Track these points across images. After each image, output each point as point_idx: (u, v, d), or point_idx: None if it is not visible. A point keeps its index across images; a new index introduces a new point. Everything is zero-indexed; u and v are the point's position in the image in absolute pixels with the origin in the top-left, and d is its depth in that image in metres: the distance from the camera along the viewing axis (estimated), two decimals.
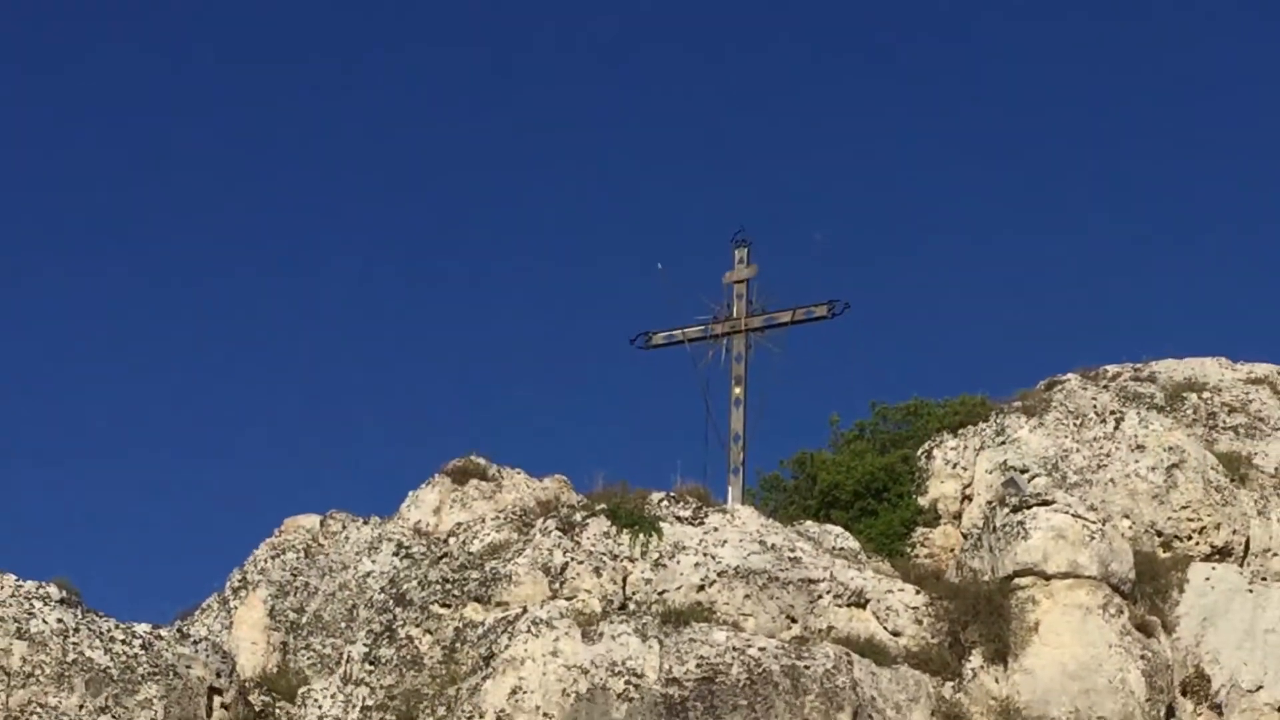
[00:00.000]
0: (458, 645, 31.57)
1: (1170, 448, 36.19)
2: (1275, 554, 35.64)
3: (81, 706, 31.49)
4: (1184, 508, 35.38)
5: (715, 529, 32.90)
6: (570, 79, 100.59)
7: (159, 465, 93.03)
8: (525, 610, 31.25)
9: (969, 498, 36.54)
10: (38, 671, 31.72)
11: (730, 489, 37.76)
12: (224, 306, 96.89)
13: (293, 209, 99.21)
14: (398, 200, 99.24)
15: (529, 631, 30.63)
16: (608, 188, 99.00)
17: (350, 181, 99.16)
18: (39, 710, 30.99)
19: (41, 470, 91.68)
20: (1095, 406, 37.43)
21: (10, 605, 32.36)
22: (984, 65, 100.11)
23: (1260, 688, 32.46)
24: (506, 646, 30.60)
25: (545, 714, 29.80)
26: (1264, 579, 33.67)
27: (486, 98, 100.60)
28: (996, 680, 31.22)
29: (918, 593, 32.74)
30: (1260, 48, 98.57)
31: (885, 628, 32.05)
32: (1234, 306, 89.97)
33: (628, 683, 30.01)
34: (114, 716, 31.55)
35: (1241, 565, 34.42)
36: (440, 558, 33.47)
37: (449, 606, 32.29)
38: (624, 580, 32.33)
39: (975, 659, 31.53)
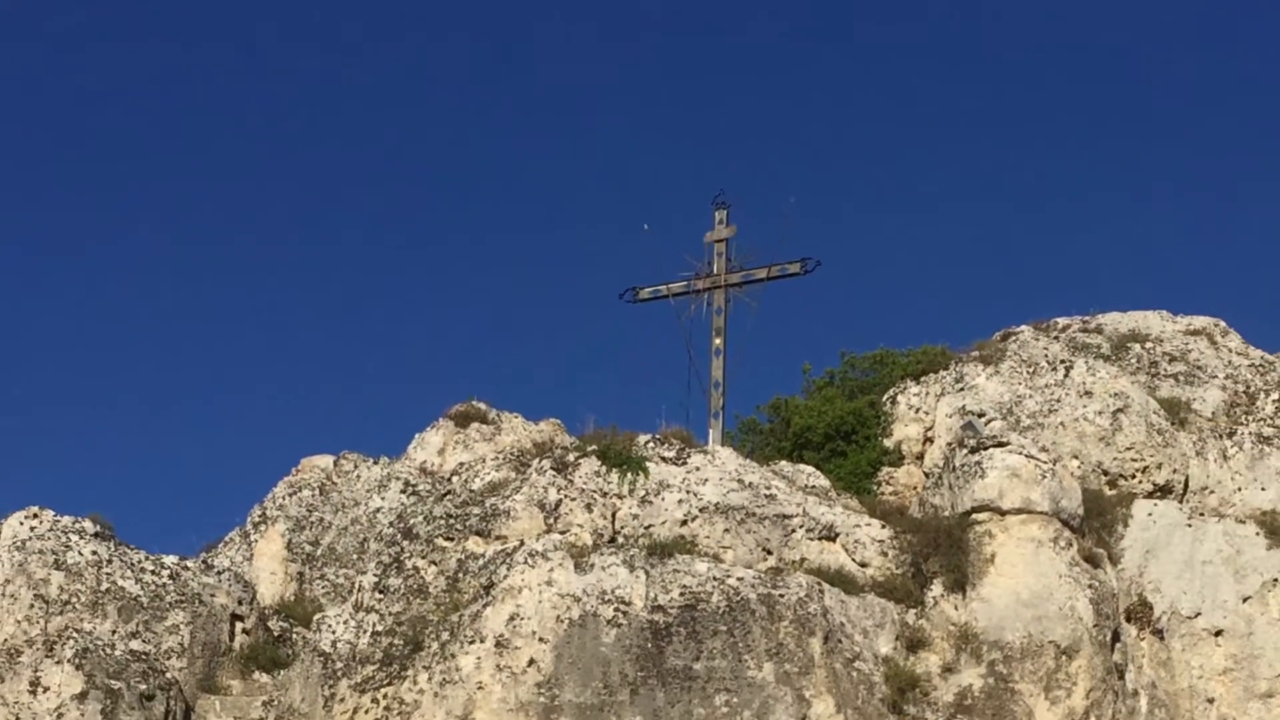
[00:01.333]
0: (460, 575, 31.45)
1: (1116, 394, 36.18)
2: (1212, 492, 35.59)
3: (114, 631, 31.45)
4: (1128, 449, 35.36)
5: (697, 468, 32.83)
6: (565, 57, 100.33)
7: (186, 410, 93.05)
8: (522, 543, 31.17)
9: (930, 440, 36.50)
10: (74, 599, 31.68)
11: (711, 432, 37.81)
12: (248, 266, 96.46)
13: (307, 182, 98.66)
14: (407, 172, 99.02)
15: (526, 563, 30.56)
16: (599, 156, 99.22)
17: (364, 154, 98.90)
18: (75, 635, 30.88)
19: (77, 413, 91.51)
20: (1046, 356, 37.35)
21: (49, 539, 32.33)
22: (942, 36, 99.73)
23: (1198, 614, 32.41)
24: (505, 577, 30.51)
25: (541, 639, 29.69)
26: (1201, 515, 33.58)
27: (488, 76, 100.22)
28: (956, 608, 31.12)
29: (883, 527, 32.66)
30: (1198, 7, 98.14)
31: (853, 559, 31.95)
32: (1175, 263, 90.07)
33: (616, 610, 29.93)
34: (144, 641, 31.53)
35: (1181, 502, 34.34)
36: (444, 495, 33.39)
37: (452, 540, 32.19)
38: (613, 516, 32.27)
39: (936, 588, 31.44)
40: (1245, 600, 32.49)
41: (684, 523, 31.91)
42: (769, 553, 31.71)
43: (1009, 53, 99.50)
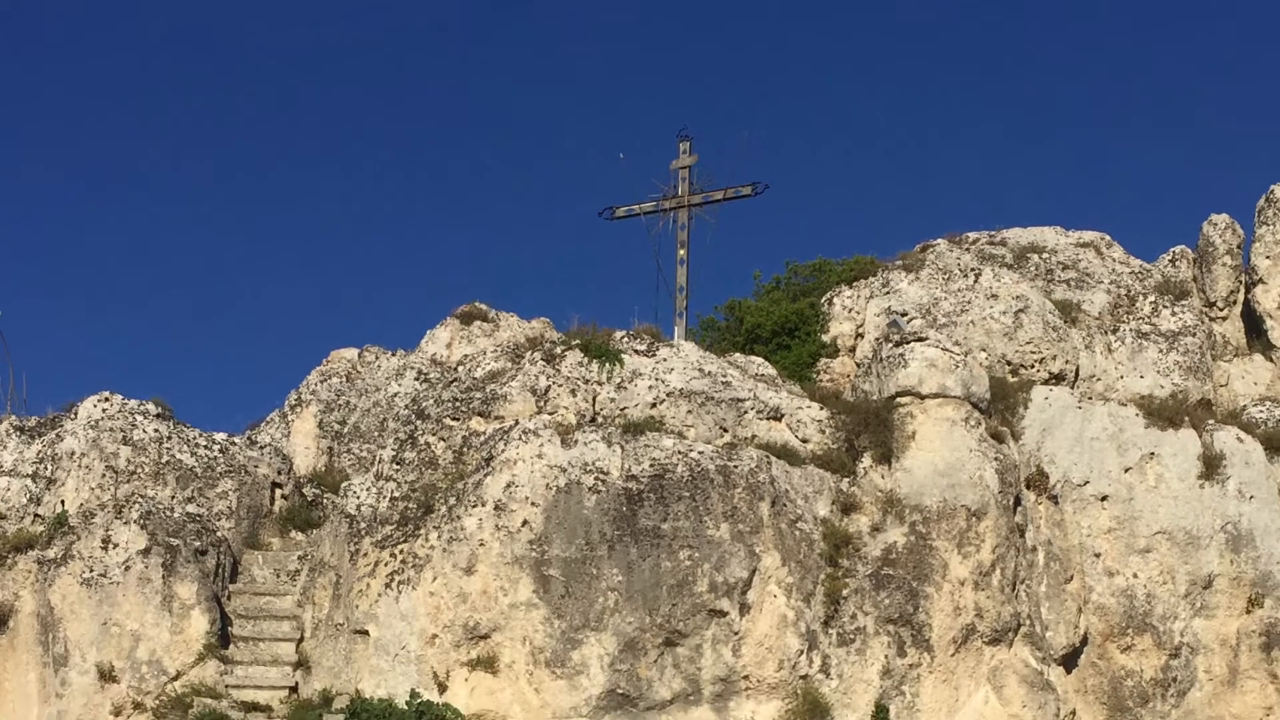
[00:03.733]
0: (464, 450, 31.47)
1: (1017, 296, 36.11)
2: (1098, 379, 35.60)
3: (173, 497, 31.48)
4: (1028, 343, 35.30)
5: (664, 359, 32.86)
6: (553, 11, 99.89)
7: (236, 309, 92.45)
8: (517, 423, 31.15)
9: (861, 335, 36.46)
10: (139, 470, 31.70)
11: (676, 329, 37.87)
12: (289, 190, 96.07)
13: (342, 120, 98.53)
14: (419, 112, 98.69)
15: (520, 439, 30.53)
16: (581, 95, 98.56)
17: (385, 96, 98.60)
18: (140, 500, 30.91)
19: (143, 312, 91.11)
20: (959, 265, 37.28)
21: (118, 419, 32.29)
22: None
23: (1087, 483, 32.40)
24: (502, 451, 30.48)
25: (532, 503, 29.72)
26: (1089, 398, 33.56)
27: (490, 25, 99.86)
28: (882, 477, 31.08)
29: (821, 409, 32.72)
30: None
31: (796, 436, 31.98)
32: (1068, 186, 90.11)
33: (596, 478, 29.96)
34: (198, 505, 31.60)
35: (1072, 388, 34.32)
36: (451, 382, 33.35)
37: (458, 420, 32.19)
38: (594, 399, 32.33)
39: (866, 460, 31.43)
40: (1126, 471, 32.47)
41: (653, 405, 31.99)
42: (725, 430, 31.78)
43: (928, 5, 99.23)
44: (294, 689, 29.70)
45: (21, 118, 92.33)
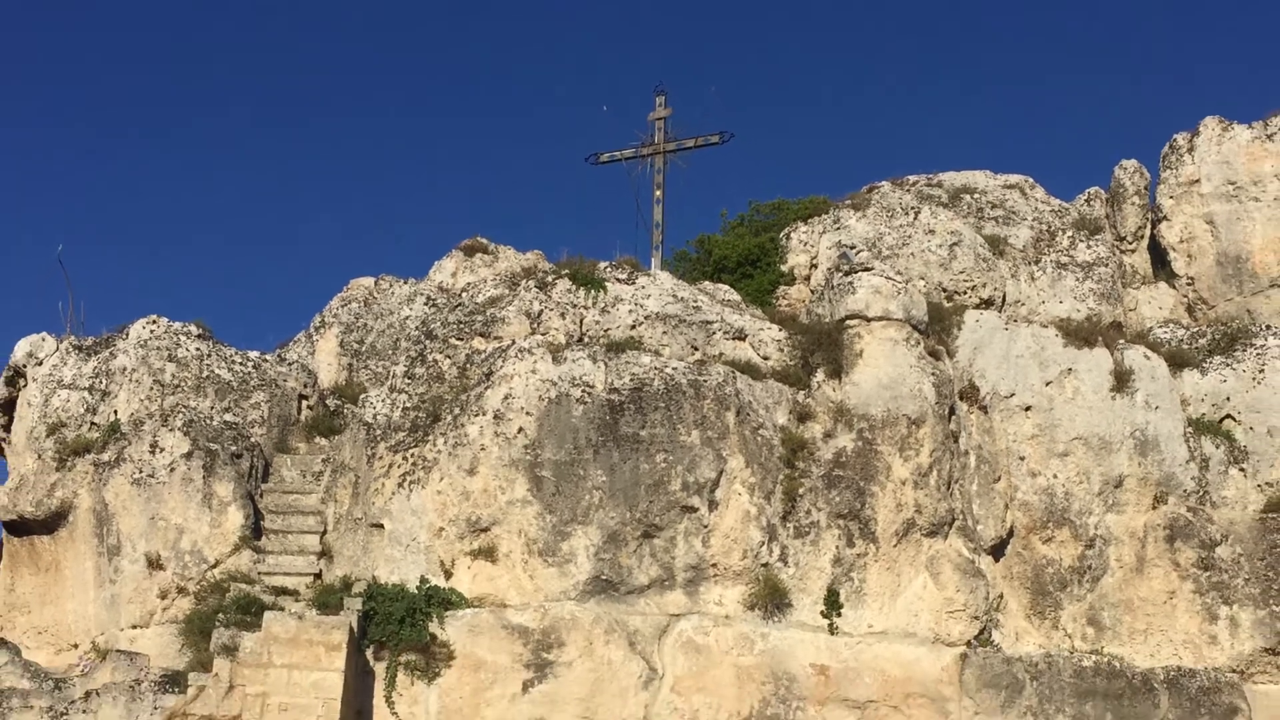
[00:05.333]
0: (468, 366, 31.32)
1: (951, 231, 35.93)
2: (1023, 304, 35.47)
3: (212, 407, 31.36)
4: (961, 272, 35.13)
5: (642, 287, 32.63)
6: None
7: (269, 242, 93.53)
8: (514, 343, 30.94)
9: (815, 266, 36.19)
10: (183, 384, 31.53)
11: (653, 260, 37.82)
12: (316, 136, 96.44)
13: (362, 74, 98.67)
14: (429, 68, 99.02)
15: (516, 357, 30.31)
16: (572, 53, 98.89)
17: (400, 53, 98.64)
18: (183, 410, 30.93)
19: (187, 243, 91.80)
20: (901, 204, 37.02)
21: (164, 339, 32.10)
22: None
23: (1013, 394, 32.16)
24: (501, 367, 30.27)
25: (527, 412, 29.51)
26: (1015, 321, 33.30)
27: None
28: (834, 390, 30.84)
29: (780, 330, 32.50)
30: None
31: (758, 354, 31.77)
32: (995, 133, 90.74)
33: (583, 391, 29.75)
34: (234, 414, 31.51)
35: (1000, 312, 34.10)
36: (456, 306, 33.13)
37: (462, 339, 32.03)
38: (581, 322, 32.12)
39: (819, 375, 31.19)
40: (1047, 384, 32.23)
41: (633, 327, 31.77)
42: (695, 349, 31.57)
43: None
44: (318, 575, 29.62)
45: (76, 78, 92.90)
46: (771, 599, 29.22)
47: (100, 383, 31.96)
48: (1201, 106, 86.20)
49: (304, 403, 32.41)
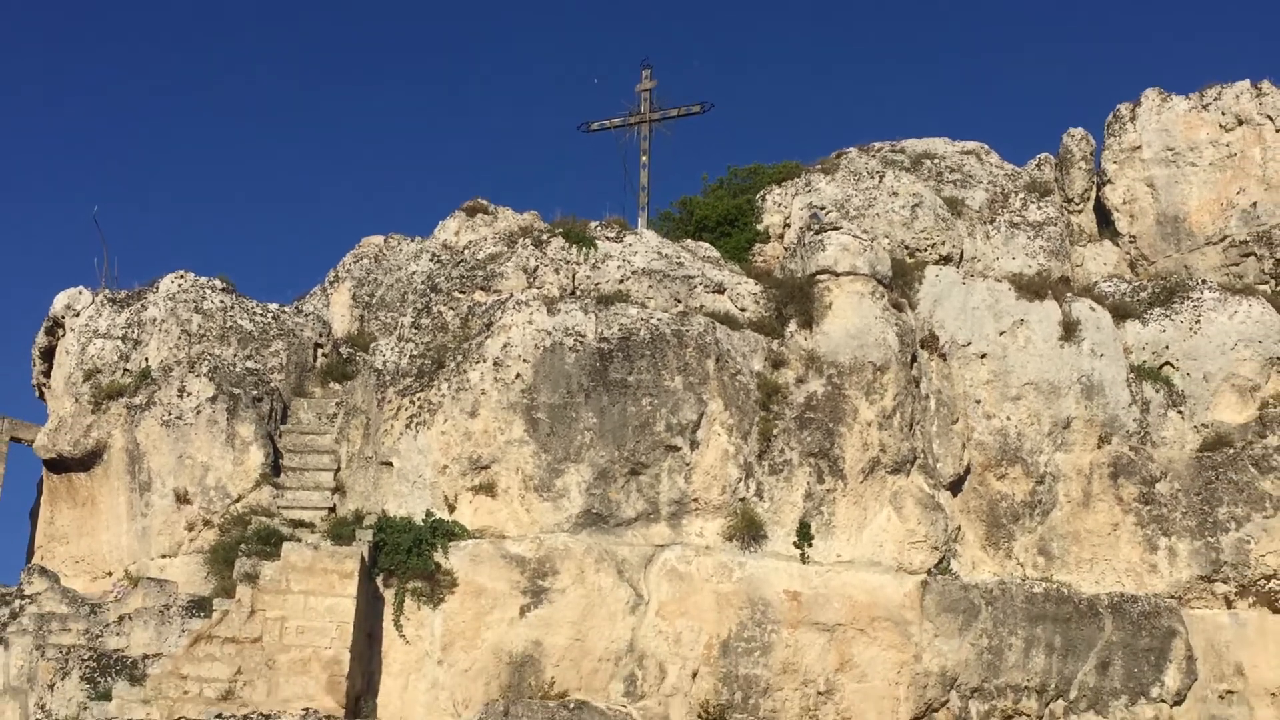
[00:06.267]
0: (469, 317, 31.15)
1: (913, 194, 35.69)
2: (979, 260, 35.31)
3: (235, 355, 31.27)
4: (922, 231, 34.92)
5: (630, 245, 32.41)
6: None
7: (289, 203, 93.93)
8: (512, 296, 30.81)
9: (788, 225, 35.90)
10: (208, 334, 31.43)
11: (639, 220, 37.58)
12: (331, 105, 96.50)
13: (377, 49, 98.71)
14: (440, 43, 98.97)
15: (514, 309, 30.14)
16: (567, 32, 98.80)
17: (412, 26, 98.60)
18: (209, 357, 30.86)
19: (210, 200, 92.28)
20: (867, 168, 36.74)
21: (190, 292, 32.01)
22: None
23: (969, 343, 31.99)
24: (500, 318, 30.10)
25: (524, 360, 29.35)
26: (971, 275, 33.12)
27: None
28: (805, 339, 30.65)
29: (756, 284, 32.33)
30: None
31: (736, 306, 31.59)
32: (954, 103, 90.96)
33: (575, 340, 29.58)
34: (255, 361, 31.43)
35: (958, 267, 33.86)
36: (458, 262, 32.92)
37: (464, 293, 31.88)
38: (573, 277, 31.88)
39: (792, 326, 30.99)
40: (1001, 334, 32.04)
41: (621, 281, 31.56)
42: (679, 301, 31.37)
43: None
44: (332, 509, 29.53)
45: (110, 55, 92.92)
46: (748, 531, 29.08)
47: (132, 332, 31.81)
48: (1143, 78, 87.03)
49: (319, 351, 32.24)
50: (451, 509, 28.95)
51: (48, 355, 32.98)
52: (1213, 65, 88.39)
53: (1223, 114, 37.34)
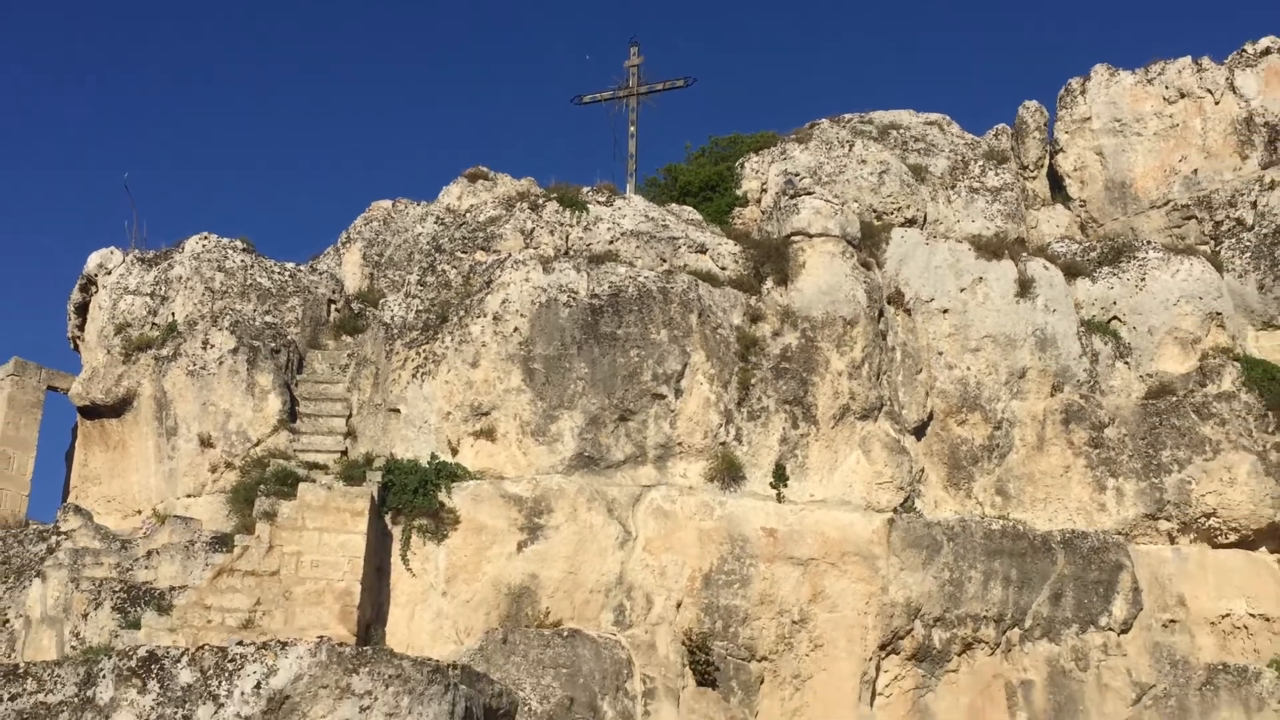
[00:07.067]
0: (471, 275, 31.03)
1: (880, 161, 35.57)
2: (941, 223, 35.25)
3: (255, 310, 31.04)
4: (889, 196, 34.80)
5: (619, 208, 32.28)
6: None
7: (304, 167, 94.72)
8: (510, 255, 30.63)
9: (765, 190, 35.70)
10: (230, 290, 31.27)
11: (628, 185, 37.69)
12: (344, 80, 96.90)
13: (384, 30, 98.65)
14: (447, 23, 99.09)
15: (512, 267, 29.96)
16: (560, 8, 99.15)
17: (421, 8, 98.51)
18: (230, 312, 30.58)
19: (232, 168, 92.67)
20: (838, 138, 36.53)
21: (214, 252, 31.78)
22: None
23: (933, 299, 31.91)
24: (499, 276, 29.92)
25: (521, 314, 29.17)
26: (934, 237, 33.01)
27: None
28: (780, 295, 30.50)
29: (735, 245, 32.13)
30: None
31: (717, 265, 31.40)
32: (919, 76, 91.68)
33: (569, 296, 29.43)
34: (273, 316, 31.15)
35: (922, 229, 33.74)
36: (460, 225, 32.73)
37: (466, 252, 31.74)
38: (567, 238, 31.76)
39: (769, 283, 30.86)
40: (962, 290, 31.96)
41: (611, 242, 31.41)
42: (664, 260, 31.20)
43: None
44: (344, 453, 29.32)
45: (140, 32, 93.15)
46: (728, 472, 28.95)
47: (160, 289, 31.59)
48: (1093, 54, 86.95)
49: (332, 306, 31.99)
50: (454, 452, 28.81)
51: (82, 311, 32.80)
52: (1158, 42, 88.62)
53: (1166, 88, 37.16)
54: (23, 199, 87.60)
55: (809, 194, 31.90)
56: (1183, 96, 36.98)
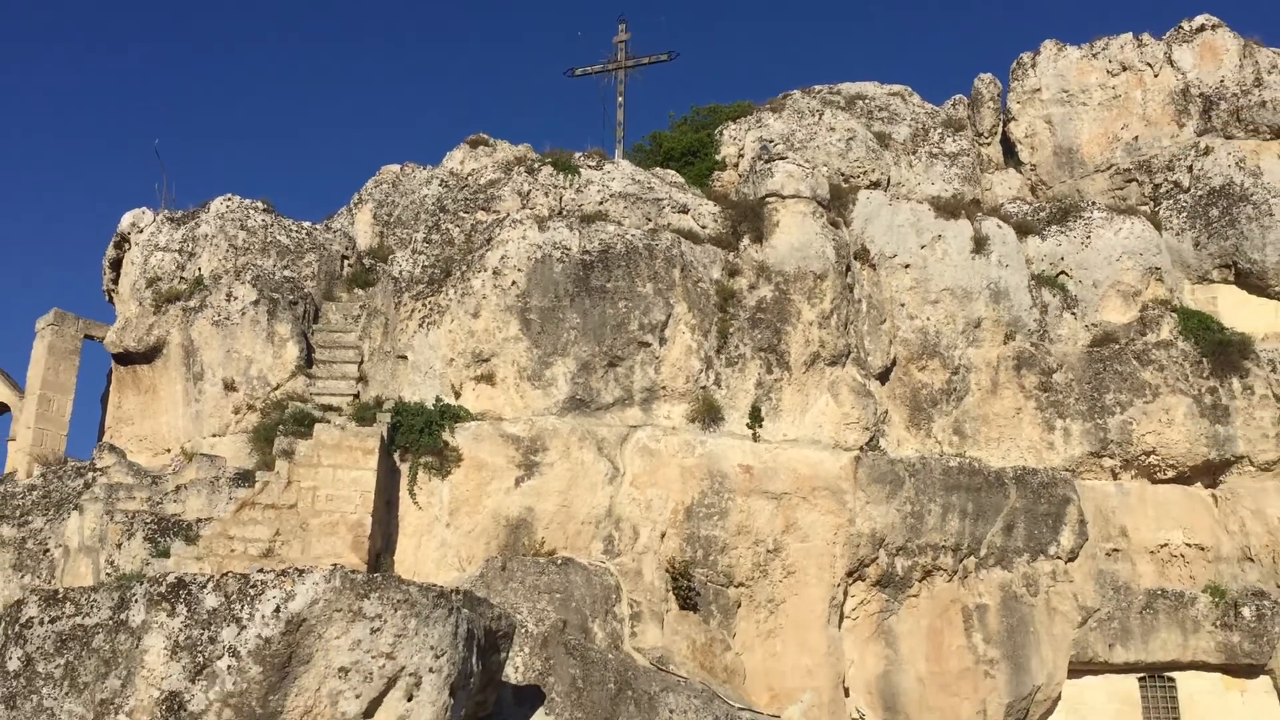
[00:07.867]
0: (473, 233, 30.86)
1: (848, 129, 35.23)
2: (903, 185, 34.99)
3: (274, 265, 30.99)
4: (855, 161, 34.49)
5: (608, 172, 32.09)
6: None
7: (319, 131, 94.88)
8: (508, 215, 30.47)
9: (742, 156, 35.42)
10: (251, 247, 31.26)
11: (616, 151, 37.43)
12: (354, 59, 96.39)
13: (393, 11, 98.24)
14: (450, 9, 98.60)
15: (510, 226, 29.86)
16: None
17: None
18: (251, 267, 30.65)
19: (254, 135, 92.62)
20: (809, 107, 36.24)
21: (236, 211, 31.76)
22: None
23: (895, 255, 31.79)
24: (498, 234, 29.78)
25: (519, 269, 29.05)
26: (897, 198, 32.88)
27: None
28: (756, 252, 30.31)
29: (715, 206, 31.99)
30: None
31: (698, 224, 31.21)
32: (882, 49, 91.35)
33: (562, 253, 29.28)
34: (291, 270, 31.16)
35: (885, 191, 33.52)
36: (463, 187, 32.49)
37: (468, 213, 31.54)
38: (560, 199, 31.57)
39: (745, 241, 30.66)
40: (922, 247, 31.86)
41: (601, 203, 31.23)
42: (649, 220, 31.03)
43: None
44: (356, 396, 29.28)
45: (168, 4, 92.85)
46: (708, 414, 28.85)
47: (187, 246, 31.48)
48: (1042, 30, 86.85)
49: (345, 262, 31.84)
50: (457, 395, 28.74)
51: (116, 266, 32.76)
52: (1102, 20, 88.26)
53: (1110, 62, 36.96)
54: (62, 163, 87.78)
55: (782, 159, 31.73)
56: (1125, 70, 36.78)
